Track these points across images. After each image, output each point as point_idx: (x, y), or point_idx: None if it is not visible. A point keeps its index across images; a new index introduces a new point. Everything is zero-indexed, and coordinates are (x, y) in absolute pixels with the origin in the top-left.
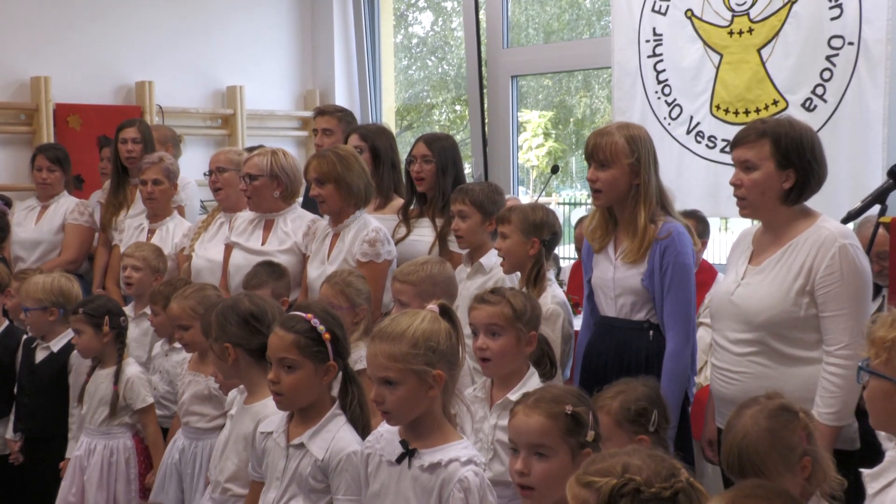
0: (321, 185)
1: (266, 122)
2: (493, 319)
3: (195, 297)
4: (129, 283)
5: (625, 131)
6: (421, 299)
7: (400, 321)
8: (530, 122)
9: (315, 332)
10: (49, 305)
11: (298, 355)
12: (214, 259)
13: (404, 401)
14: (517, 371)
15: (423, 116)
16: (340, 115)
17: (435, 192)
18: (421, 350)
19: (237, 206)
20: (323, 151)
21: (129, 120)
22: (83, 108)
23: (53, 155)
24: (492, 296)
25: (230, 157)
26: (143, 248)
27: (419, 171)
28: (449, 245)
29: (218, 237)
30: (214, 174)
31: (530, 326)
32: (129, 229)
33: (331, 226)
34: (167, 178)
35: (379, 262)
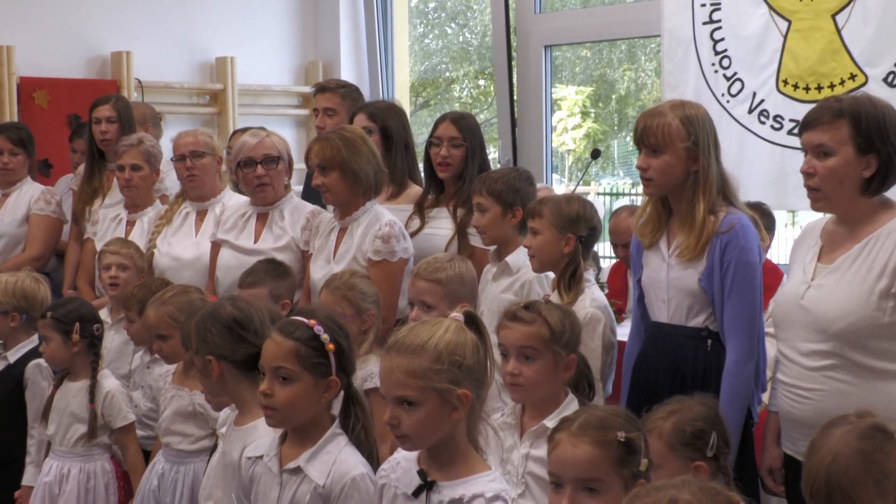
0: (325, 172)
1: (261, 99)
2: (527, 341)
3: (175, 303)
4: (115, 285)
5: (680, 111)
6: (449, 301)
7: (420, 331)
8: (566, 100)
9: (317, 342)
10: (10, 310)
11: (297, 366)
12: (181, 256)
13: (424, 424)
14: (553, 397)
15: (441, 93)
16: (344, 91)
17: (461, 180)
18: (444, 365)
19: (207, 196)
20: (326, 134)
21: (104, 96)
22: (51, 83)
23: (16, 136)
24: (525, 312)
25: (205, 140)
26: (128, 245)
27: (446, 155)
28: (469, 239)
29: (184, 230)
30: (189, 159)
31: (569, 349)
32: (105, 220)
33: (337, 219)
34: (148, 162)
35: (394, 260)
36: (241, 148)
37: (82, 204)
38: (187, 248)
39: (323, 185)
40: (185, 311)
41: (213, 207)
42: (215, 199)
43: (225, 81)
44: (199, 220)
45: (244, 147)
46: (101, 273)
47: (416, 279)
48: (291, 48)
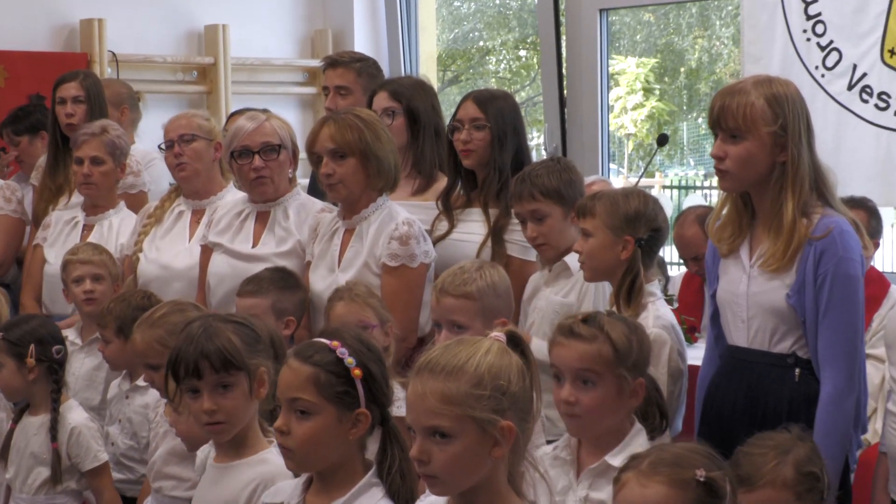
0: (339, 159)
1: (259, 75)
2: (586, 363)
3: (166, 325)
4: (91, 299)
5: (765, 89)
6: (483, 318)
7: (457, 351)
8: (625, 74)
9: (341, 366)
10: None
11: (316, 396)
12: (171, 265)
13: (459, 461)
14: (617, 428)
15: (473, 66)
16: (360, 66)
17: (488, 171)
18: (486, 391)
19: (204, 191)
20: (340, 114)
21: (71, 72)
22: (9, 57)
23: None
24: (584, 327)
25: (198, 123)
26: (101, 250)
27: (467, 140)
28: (506, 245)
29: (175, 233)
30: (177, 145)
31: (636, 371)
32: (58, 224)
33: (341, 218)
34: (111, 155)
35: (414, 266)
36: (235, 134)
37: (44, 203)
38: (179, 254)
39: (334, 175)
40: (178, 334)
41: (213, 206)
42: (215, 197)
43: (215, 54)
44: (195, 221)
45: (239, 133)
46: (71, 287)
47: (442, 295)
48: (295, 14)
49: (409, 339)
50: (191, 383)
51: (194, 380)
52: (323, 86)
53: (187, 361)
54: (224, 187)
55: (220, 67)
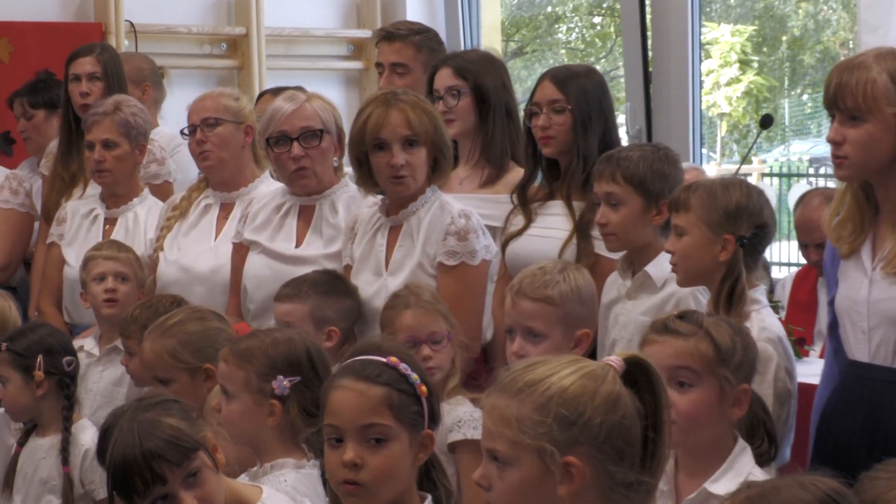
0: (409, 146)
1: (296, 48)
2: (683, 360)
3: (179, 334)
4: (112, 300)
5: (889, 63)
6: (564, 327)
7: (538, 367)
8: (718, 44)
9: (408, 385)
10: None
11: (392, 419)
12: (192, 267)
13: (517, 493)
14: (717, 445)
15: (541, 35)
16: (420, 39)
17: (571, 159)
18: (548, 417)
19: (234, 182)
20: (401, 94)
21: (86, 46)
22: (15, 28)
23: None
24: (682, 323)
25: (225, 104)
26: (126, 248)
27: (546, 125)
28: (593, 243)
29: (200, 230)
30: (200, 130)
31: (740, 376)
32: (75, 217)
33: (384, 214)
34: (126, 136)
35: (475, 263)
36: (271, 118)
37: (56, 195)
38: (202, 255)
39: (406, 166)
40: (195, 345)
41: (243, 200)
42: (246, 189)
43: (247, 24)
44: (223, 216)
45: (276, 116)
46: (91, 286)
47: (519, 297)
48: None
49: (472, 347)
50: (156, 492)
51: (158, 487)
52: (376, 62)
53: (140, 472)
54: (257, 176)
55: (253, 39)
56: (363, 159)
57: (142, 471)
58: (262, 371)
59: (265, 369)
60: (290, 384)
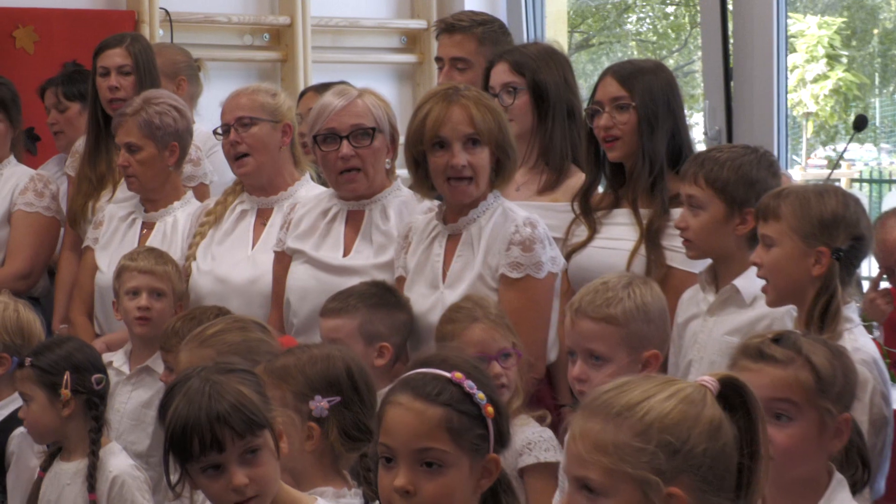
0: (471, 146)
1: (345, 40)
2: (781, 391)
3: (218, 345)
4: (145, 318)
5: None
6: (630, 348)
7: (630, 390)
8: (804, 37)
9: (471, 404)
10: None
11: (451, 444)
12: (228, 277)
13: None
14: (812, 479)
15: (608, 26)
16: (483, 30)
17: (637, 161)
18: (650, 445)
19: (272, 185)
20: (472, 92)
21: (115, 36)
22: (40, 16)
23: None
24: (778, 348)
25: (261, 101)
26: (165, 259)
27: (609, 125)
28: (665, 253)
29: (236, 237)
30: (234, 130)
31: (841, 405)
32: (112, 221)
33: (442, 222)
34: (151, 137)
35: (540, 276)
36: (319, 114)
37: (82, 197)
38: (238, 264)
39: (467, 167)
40: (235, 357)
41: (281, 205)
42: (286, 193)
43: (292, 13)
44: (260, 223)
45: (325, 112)
46: (123, 300)
47: (579, 317)
48: None
49: (537, 366)
50: (210, 459)
51: (214, 454)
52: (436, 56)
53: (201, 432)
54: (297, 179)
55: (298, 29)
56: (420, 160)
57: (203, 432)
58: (299, 391)
59: (302, 389)
60: (329, 405)
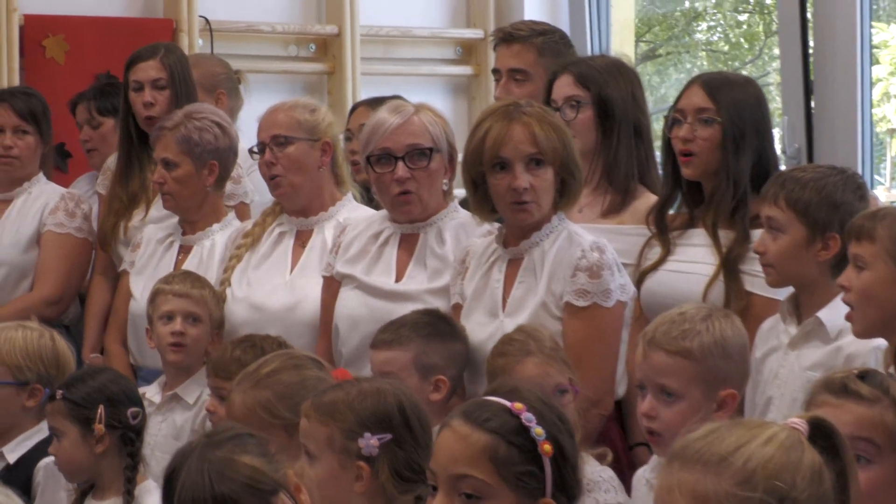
0: (534, 166)
1: (396, 50)
2: (864, 431)
3: (274, 385)
4: (179, 345)
5: None
6: (706, 386)
7: (724, 437)
8: (888, 48)
9: (526, 437)
10: (32, 380)
11: (492, 475)
12: (265, 305)
13: None
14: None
15: (676, 35)
16: (543, 41)
17: (719, 182)
18: (757, 492)
19: (311, 206)
20: (534, 108)
21: (149, 48)
22: (71, 24)
23: (24, 106)
24: (864, 385)
25: (298, 118)
26: (201, 283)
27: (689, 138)
28: (743, 280)
29: (273, 261)
30: (269, 150)
31: None
32: (150, 243)
33: (502, 245)
34: (188, 154)
35: (608, 305)
36: (373, 132)
37: (113, 217)
38: (276, 290)
39: (530, 189)
40: (292, 398)
41: (322, 227)
42: (326, 214)
43: (340, 22)
44: (299, 245)
45: (379, 130)
46: (157, 325)
47: (652, 349)
48: None
49: (603, 402)
50: None
51: None
52: (493, 68)
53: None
54: (339, 199)
55: (346, 39)
56: (479, 181)
57: None
58: (348, 428)
59: (351, 426)
60: (380, 443)
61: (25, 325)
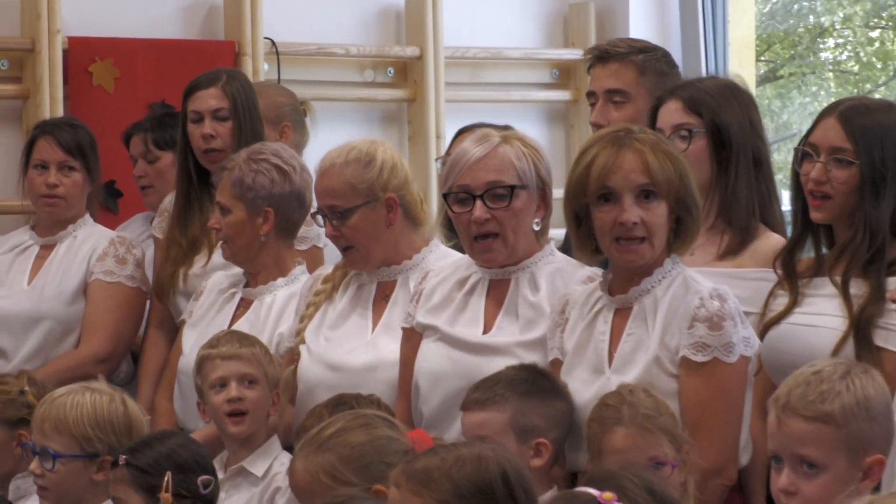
0: (644, 199)
1: (484, 74)
2: None
3: (339, 448)
4: (240, 413)
5: None
6: (852, 452)
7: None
8: None
9: None
10: (102, 451)
11: None
12: (344, 364)
13: None
14: None
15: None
16: (644, 59)
17: (855, 230)
18: None
19: (390, 259)
20: (648, 136)
21: (209, 74)
22: (122, 48)
23: (71, 139)
24: None
25: (352, 181)
26: (250, 341)
27: (821, 180)
28: (875, 335)
29: (353, 318)
30: (328, 222)
31: None
32: (211, 294)
33: (607, 293)
34: (240, 199)
35: (731, 360)
36: (452, 167)
37: (171, 264)
38: (356, 349)
39: (639, 225)
40: (360, 461)
41: (406, 277)
42: (410, 263)
43: (422, 43)
44: (381, 298)
45: (458, 165)
46: (209, 396)
47: (787, 415)
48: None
49: (726, 472)
50: None
51: None
52: (588, 91)
53: None
54: (425, 245)
55: (429, 62)
56: (583, 216)
57: None
58: (445, 499)
59: (447, 497)
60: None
61: (93, 387)
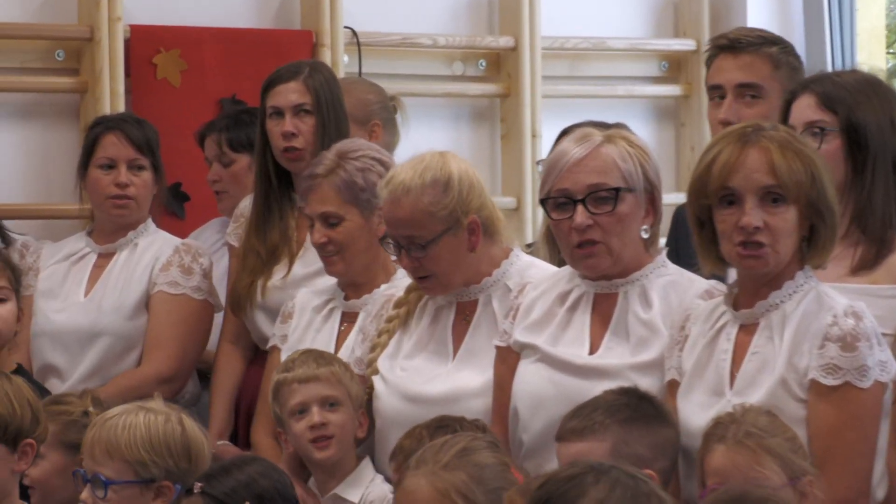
0: (771, 203)
1: (585, 66)
2: None
3: (467, 465)
4: (325, 438)
5: None
6: None
7: None
8: None
9: None
10: (157, 476)
11: None
12: (422, 394)
13: None
14: None
15: None
16: (778, 51)
17: None
18: None
19: (471, 279)
20: (779, 133)
21: (290, 67)
22: (190, 38)
23: (140, 136)
24: None
25: (430, 209)
26: (328, 360)
27: None
28: None
29: (433, 347)
30: (405, 252)
31: None
32: (303, 314)
33: (731, 307)
34: (354, 203)
35: (864, 385)
36: (551, 169)
37: (249, 274)
38: (435, 378)
39: (764, 230)
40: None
41: (488, 296)
42: (490, 279)
43: (517, 33)
44: (461, 321)
45: (557, 167)
46: (290, 423)
47: None
48: None
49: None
50: None
51: None
52: (711, 84)
53: None
54: (505, 257)
55: (524, 54)
56: (706, 218)
57: None
58: None
59: None
60: None
61: (147, 406)
